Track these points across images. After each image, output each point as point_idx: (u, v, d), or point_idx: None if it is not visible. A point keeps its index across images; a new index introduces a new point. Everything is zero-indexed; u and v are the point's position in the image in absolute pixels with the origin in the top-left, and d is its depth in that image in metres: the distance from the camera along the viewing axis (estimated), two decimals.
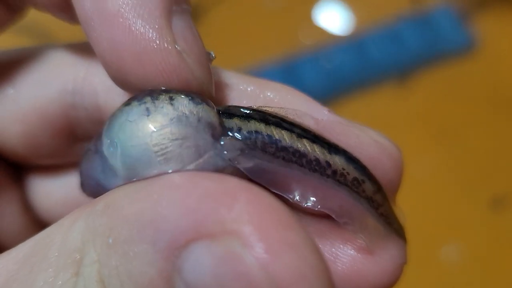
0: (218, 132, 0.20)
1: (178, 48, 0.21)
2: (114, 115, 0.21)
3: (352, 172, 0.21)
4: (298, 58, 0.67)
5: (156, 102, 0.20)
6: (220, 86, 0.23)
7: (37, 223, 0.30)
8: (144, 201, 0.17)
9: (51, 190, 0.30)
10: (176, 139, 0.19)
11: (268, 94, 0.23)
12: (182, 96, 0.20)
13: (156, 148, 0.19)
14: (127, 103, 0.20)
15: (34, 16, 0.29)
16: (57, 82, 0.26)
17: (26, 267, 0.18)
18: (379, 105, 0.67)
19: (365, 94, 0.67)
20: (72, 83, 0.26)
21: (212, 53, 0.22)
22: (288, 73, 0.66)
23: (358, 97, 0.67)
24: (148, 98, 0.20)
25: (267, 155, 0.20)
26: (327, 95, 0.66)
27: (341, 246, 0.22)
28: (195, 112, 0.20)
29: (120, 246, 0.17)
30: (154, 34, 0.20)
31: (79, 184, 0.24)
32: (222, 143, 0.20)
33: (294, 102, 0.23)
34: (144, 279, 0.17)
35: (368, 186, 0.21)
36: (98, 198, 0.19)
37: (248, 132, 0.20)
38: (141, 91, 0.21)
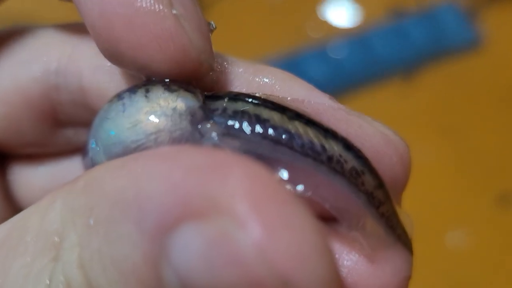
0: (199, 117, 0.19)
1: (175, 12, 0.19)
2: (98, 112, 0.20)
3: (351, 161, 0.19)
4: (303, 54, 0.67)
5: (133, 96, 0.19)
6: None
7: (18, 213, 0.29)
8: (127, 177, 0.15)
9: (33, 180, 0.29)
10: (151, 133, 0.19)
11: (265, 79, 0.22)
12: (158, 86, 0.19)
13: (133, 145, 0.19)
14: (110, 100, 0.20)
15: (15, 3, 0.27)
16: (40, 61, 0.25)
17: (2, 251, 0.17)
18: (384, 101, 0.66)
19: (370, 90, 0.67)
20: (56, 62, 0.24)
21: (212, 22, 0.21)
22: (292, 69, 0.65)
23: (363, 93, 0.66)
24: (127, 93, 0.19)
25: (254, 136, 0.19)
26: (332, 91, 0.65)
27: (336, 255, 0.20)
28: (169, 101, 0.19)
29: (102, 227, 0.15)
30: None
31: None
32: (201, 130, 0.19)
33: (293, 88, 0.21)
34: (128, 263, 0.15)
35: (368, 179, 0.19)
36: (79, 175, 0.18)
37: (234, 112, 0.19)
38: (126, 88, 0.20)
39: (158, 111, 0.19)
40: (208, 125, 0.19)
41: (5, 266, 0.17)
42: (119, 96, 0.20)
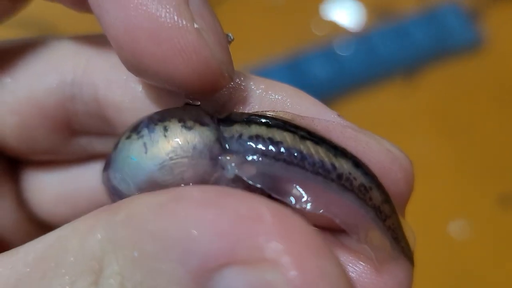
0: (217, 151, 0.20)
1: (197, 26, 0.20)
2: (118, 148, 0.21)
3: (359, 178, 0.20)
4: (305, 55, 0.67)
5: (152, 135, 0.20)
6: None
7: (31, 218, 0.30)
8: (171, 218, 0.17)
9: (46, 186, 0.29)
10: (177, 173, 0.20)
11: (277, 96, 0.23)
12: (175, 123, 0.20)
13: (162, 184, 0.20)
14: (128, 135, 0.21)
15: (36, 10, 0.28)
16: (56, 73, 0.25)
17: (38, 271, 0.18)
18: (386, 100, 0.67)
19: (372, 90, 0.67)
20: (71, 74, 0.25)
21: (230, 34, 0.22)
22: (294, 70, 0.66)
23: (365, 93, 0.67)
24: (145, 131, 0.20)
25: (269, 159, 0.20)
26: (334, 91, 0.66)
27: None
28: (188, 140, 0.20)
29: (146, 261, 0.17)
30: (171, 11, 0.19)
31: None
32: (221, 163, 0.20)
33: (303, 105, 0.22)
34: None
35: (375, 195, 0.20)
36: (116, 205, 0.19)
37: (249, 137, 0.20)
38: (141, 119, 0.21)
39: (179, 152, 0.20)
40: (227, 158, 0.20)
41: (43, 285, 0.17)
42: (138, 133, 0.20)
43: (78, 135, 0.27)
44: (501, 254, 0.60)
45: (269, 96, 0.22)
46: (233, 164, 0.20)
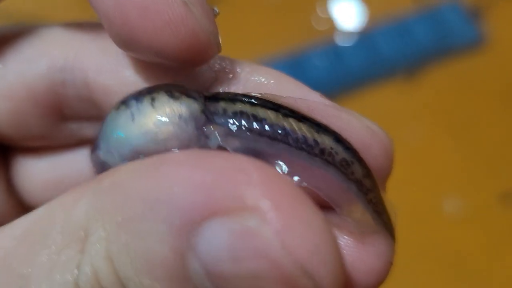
0: (202, 121, 0.21)
1: None
2: (106, 120, 0.22)
3: (341, 153, 0.21)
4: (306, 52, 0.68)
5: (140, 105, 0.21)
6: (211, 69, 0.23)
7: (21, 205, 0.30)
8: (154, 179, 0.17)
9: (35, 172, 0.30)
10: (161, 140, 0.20)
11: (260, 78, 0.23)
12: (162, 94, 0.21)
13: (145, 150, 0.20)
14: (117, 107, 0.21)
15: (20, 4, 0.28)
16: (46, 59, 0.26)
17: (25, 244, 0.18)
18: (388, 99, 0.67)
19: (374, 88, 0.67)
20: (62, 60, 0.25)
21: (216, 8, 0.23)
22: (296, 67, 0.66)
23: (367, 92, 0.67)
24: (133, 102, 0.21)
25: (253, 134, 0.20)
26: (336, 89, 0.66)
27: None
28: (175, 109, 0.21)
29: (130, 224, 0.17)
30: None
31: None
32: (206, 132, 0.21)
33: (286, 87, 0.23)
34: (156, 256, 0.17)
35: (357, 168, 0.21)
36: (102, 175, 0.19)
37: (233, 112, 0.21)
38: (130, 93, 0.21)
39: (165, 119, 0.20)
40: (211, 128, 0.21)
41: (31, 256, 0.18)
42: (126, 104, 0.21)
43: (68, 120, 0.27)
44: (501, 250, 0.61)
45: (253, 78, 0.23)
46: (217, 134, 0.20)
